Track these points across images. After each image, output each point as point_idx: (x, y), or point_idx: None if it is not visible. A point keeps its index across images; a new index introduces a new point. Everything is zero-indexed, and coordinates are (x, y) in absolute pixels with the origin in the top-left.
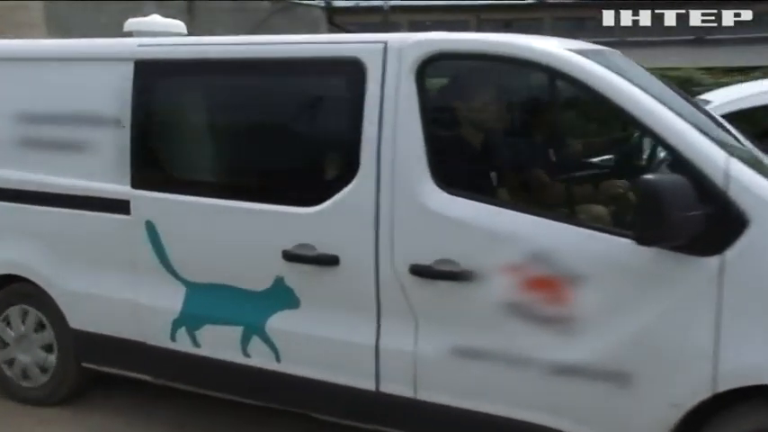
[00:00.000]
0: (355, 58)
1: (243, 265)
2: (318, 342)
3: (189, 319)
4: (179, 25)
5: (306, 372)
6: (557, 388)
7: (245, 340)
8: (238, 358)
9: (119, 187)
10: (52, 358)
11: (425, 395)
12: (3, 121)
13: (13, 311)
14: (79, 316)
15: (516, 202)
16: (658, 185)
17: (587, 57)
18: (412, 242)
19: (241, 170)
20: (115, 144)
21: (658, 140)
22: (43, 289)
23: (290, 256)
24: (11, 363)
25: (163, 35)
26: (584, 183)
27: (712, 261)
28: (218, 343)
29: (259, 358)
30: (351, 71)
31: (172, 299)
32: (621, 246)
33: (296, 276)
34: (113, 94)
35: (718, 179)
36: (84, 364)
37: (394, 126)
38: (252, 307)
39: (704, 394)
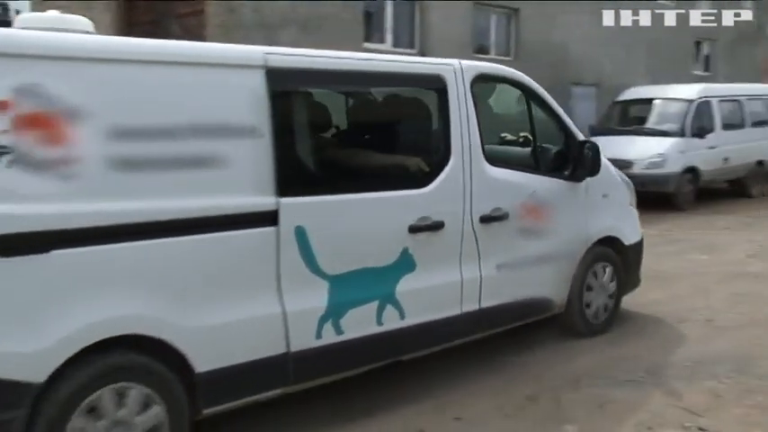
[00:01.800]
0: (439, 75)
1: (377, 246)
2: (428, 291)
3: (334, 311)
4: (84, 22)
5: (421, 318)
6: (539, 270)
7: (380, 311)
8: (374, 329)
9: (261, 199)
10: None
11: (485, 304)
12: (89, 139)
13: (106, 395)
14: (209, 354)
15: (519, 166)
16: (598, 147)
17: None
18: (481, 201)
19: (369, 166)
20: (251, 155)
21: (564, 128)
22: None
23: (413, 229)
24: None
25: (66, 31)
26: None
27: (583, 184)
28: (360, 322)
29: (390, 323)
30: (437, 84)
31: (318, 297)
32: (562, 183)
33: (415, 244)
34: (243, 102)
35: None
36: (206, 411)
37: (468, 123)
38: (384, 280)
39: None
